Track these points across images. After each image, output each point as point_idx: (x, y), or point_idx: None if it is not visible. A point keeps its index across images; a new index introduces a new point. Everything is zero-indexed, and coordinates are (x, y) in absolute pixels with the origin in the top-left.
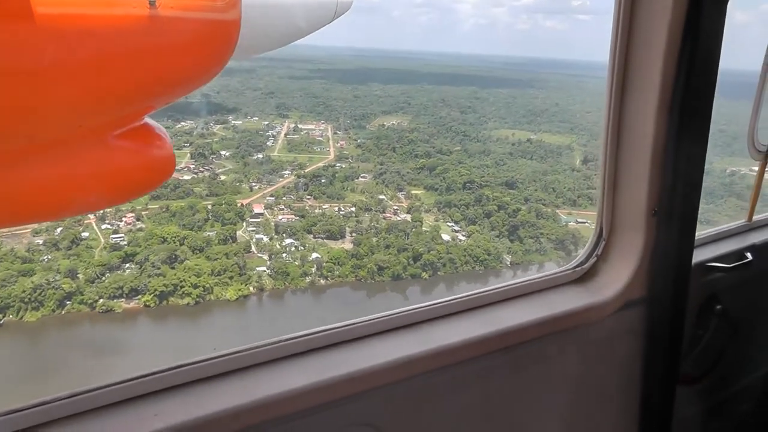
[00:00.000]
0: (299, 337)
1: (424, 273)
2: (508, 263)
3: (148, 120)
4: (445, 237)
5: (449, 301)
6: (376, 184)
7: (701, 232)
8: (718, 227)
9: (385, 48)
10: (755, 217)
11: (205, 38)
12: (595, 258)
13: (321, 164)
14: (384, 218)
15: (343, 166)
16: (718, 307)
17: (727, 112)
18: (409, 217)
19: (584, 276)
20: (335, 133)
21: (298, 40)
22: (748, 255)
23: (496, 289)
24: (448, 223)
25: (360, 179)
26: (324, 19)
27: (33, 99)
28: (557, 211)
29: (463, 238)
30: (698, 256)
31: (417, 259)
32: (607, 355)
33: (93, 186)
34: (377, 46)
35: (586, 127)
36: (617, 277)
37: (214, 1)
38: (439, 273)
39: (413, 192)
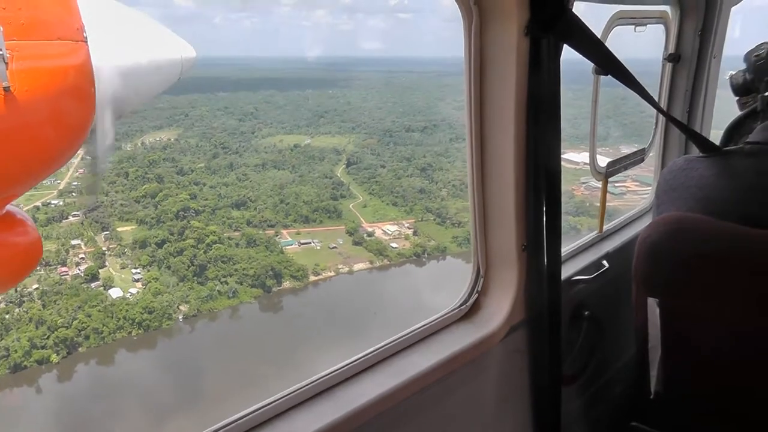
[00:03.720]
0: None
1: (55, 355)
2: (181, 318)
3: (9, 206)
4: (115, 293)
5: (357, 360)
6: (82, 223)
7: (565, 249)
8: (577, 242)
9: (206, 56)
10: (605, 228)
11: (63, 113)
12: (477, 294)
13: (36, 204)
14: (60, 274)
15: (61, 203)
16: (586, 312)
17: None
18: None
19: (469, 312)
20: (83, 159)
21: None
22: (605, 263)
23: (395, 340)
24: (134, 270)
25: (71, 218)
26: (172, 77)
27: None
28: (284, 231)
29: (134, 292)
30: (565, 272)
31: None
32: (500, 376)
33: None
34: (203, 54)
35: (370, 125)
36: (499, 308)
37: (67, 74)
38: (80, 350)
39: (120, 230)
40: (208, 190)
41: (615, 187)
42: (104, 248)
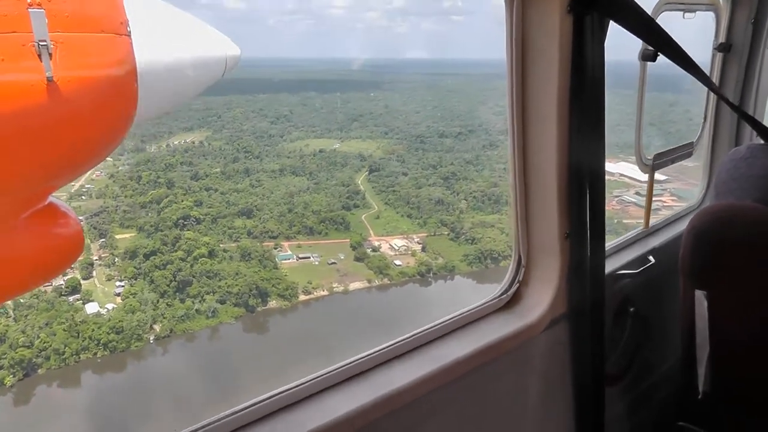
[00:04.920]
0: (245, 408)
1: (9, 377)
2: (152, 339)
3: (52, 198)
4: (91, 308)
5: (395, 343)
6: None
7: (609, 243)
8: (622, 237)
9: (255, 57)
10: (651, 223)
11: (106, 106)
12: (518, 284)
13: None
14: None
15: None
16: (632, 309)
17: None
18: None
19: (510, 302)
20: (105, 161)
21: None
22: (651, 258)
23: (435, 326)
24: (117, 283)
25: None
26: (216, 74)
27: None
28: (285, 243)
29: (112, 307)
30: (609, 266)
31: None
32: (541, 370)
33: (6, 274)
34: (251, 55)
35: (404, 130)
36: (540, 299)
37: (110, 67)
38: (39, 372)
39: (119, 237)
40: (219, 196)
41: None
42: (95, 257)
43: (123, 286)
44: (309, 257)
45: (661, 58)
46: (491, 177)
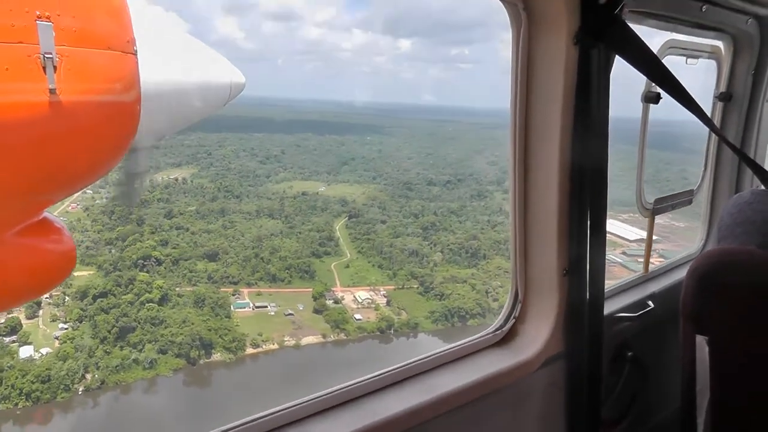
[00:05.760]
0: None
1: None
2: (81, 390)
3: (45, 213)
4: (25, 352)
5: (384, 373)
6: None
7: (608, 286)
8: (621, 280)
9: (261, 96)
10: (650, 268)
11: (106, 122)
12: (513, 320)
13: None
14: None
15: None
16: (629, 353)
17: None
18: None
19: (505, 338)
20: (84, 192)
21: None
22: (650, 303)
23: (426, 357)
24: (60, 325)
25: None
26: (219, 100)
27: None
28: (245, 290)
29: (47, 352)
30: (607, 308)
31: None
32: (534, 409)
33: None
34: (255, 94)
35: (393, 176)
36: (536, 337)
37: (113, 84)
38: None
39: (76, 273)
40: (189, 236)
41: (638, 263)
42: (45, 295)
43: (66, 328)
44: (266, 306)
45: (664, 110)
46: (473, 229)
